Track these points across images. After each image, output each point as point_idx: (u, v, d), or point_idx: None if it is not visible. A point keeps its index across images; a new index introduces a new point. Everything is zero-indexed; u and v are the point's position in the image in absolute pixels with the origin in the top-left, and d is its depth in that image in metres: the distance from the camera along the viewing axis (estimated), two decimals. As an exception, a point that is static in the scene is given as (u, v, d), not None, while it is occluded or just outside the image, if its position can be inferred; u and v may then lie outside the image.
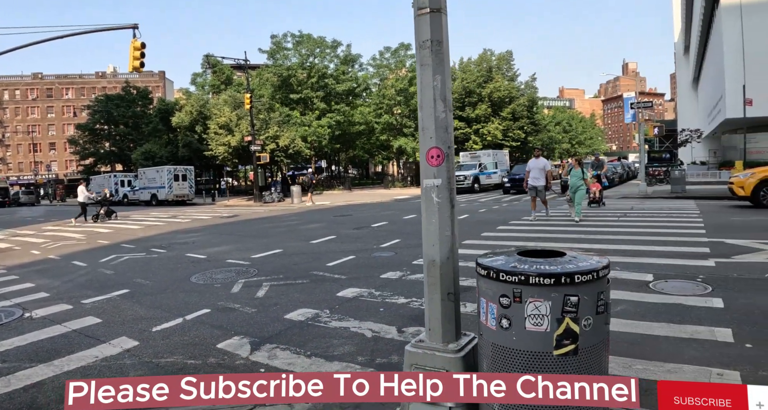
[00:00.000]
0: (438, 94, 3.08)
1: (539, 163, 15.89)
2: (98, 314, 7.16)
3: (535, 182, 15.71)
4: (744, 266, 8.16)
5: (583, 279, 2.48)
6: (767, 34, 32.48)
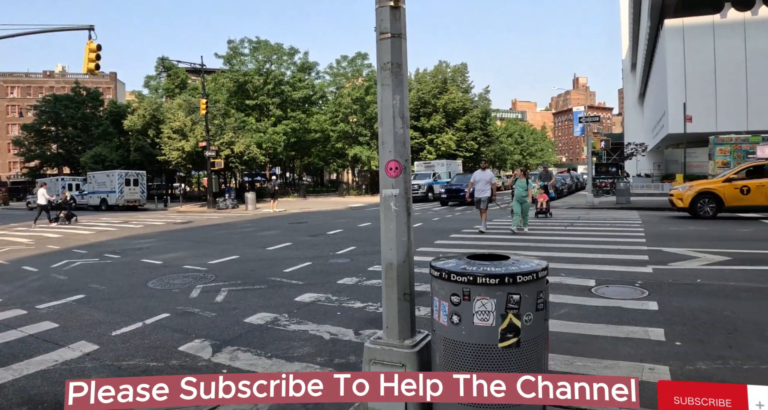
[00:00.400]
0: (397, 112, 3.37)
1: (485, 175, 15.59)
2: (55, 319, 7.13)
3: (480, 194, 15.43)
4: (678, 272, 8.75)
5: (524, 279, 2.80)
6: (707, 55, 34.30)
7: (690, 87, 34.78)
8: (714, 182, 18.18)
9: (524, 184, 15.08)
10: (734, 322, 6.05)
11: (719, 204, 17.45)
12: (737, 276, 8.45)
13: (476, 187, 15.48)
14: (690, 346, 5.29)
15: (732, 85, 34.28)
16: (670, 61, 35.89)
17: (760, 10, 31.68)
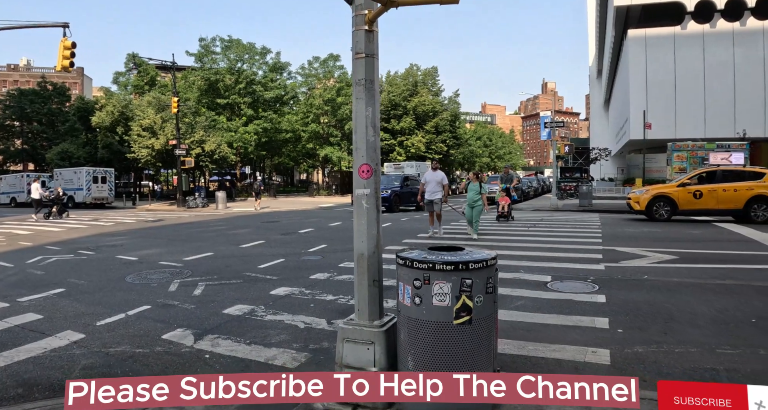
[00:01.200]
0: (369, 122, 3.86)
1: (436, 176, 14.93)
2: (38, 311, 7.42)
3: (432, 196, 14.76)
4: (628, 269, 9.44)
5: (475, 266, 3.32)
6: (667, 65, 35.66)
7: (651, 95, 36.13)
8: (669, 187, 19.15)
9: (477, 187, 14.34)
10: (672, 313, 6.70)
11: (674, 207, 18.39)
12: (681, 273, 9.16)
13: (427, 189, 14.88)
14: (630, 333, 5.90)
15: (691, 94, 35.71)
16: (633, 69, 37.21)
17: (719, 23, 33.17)
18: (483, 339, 3.44)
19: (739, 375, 4.72)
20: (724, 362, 5.04)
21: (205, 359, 5.40)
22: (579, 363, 5.03)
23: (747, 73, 34.93)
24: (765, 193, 17.43)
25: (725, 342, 5.59)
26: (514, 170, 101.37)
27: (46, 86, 65.97)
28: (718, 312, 6.76)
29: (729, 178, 18.28)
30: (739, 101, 35.15)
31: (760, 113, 34.75)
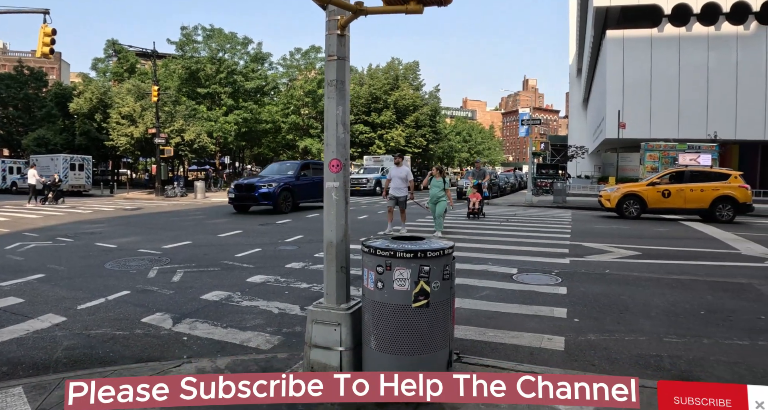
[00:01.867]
0: (339, 120, 4.16)
1: (401, 171, 14.26)
2: (19, 295, 7.60)
3: (396, 192, 14.17)
4: (591, 264, 9.88)
5: (433, 254, 3.65)
6: (644, 66, 36.42)
7: (627, 95, 36.89)
8: (639, 185, 19.73)
9: (440, 183, 13.70)
10: (627, 304, 7.12)
11: (643, 205, 18.97)
12: (641, 268, 9.62)
13: (391, 185, 14.28)
14: (586, 322, 6.30)
15: (665, 96, 36.52)
16: (610, 69, 37.91)
17: (694, 27, 33.93)
18: (439, 321, 3.77)
19: (681, 361, 5.13)
20: (669, 350, 5.45)
21: (183, 341, 5.67)
22: (535, 348, 5.40)
23: (720, 76, 35.83)
24: (730, 194, 18.08)
25: (673, 332, 6.00)
26: (493, 166, 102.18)
27: (23, 71, 64.78)
28: (671, 304, 7.19)
29: (697, 178, 18.90)
30: (711, 104, 36.06)
31: (731, 116, 35.69)
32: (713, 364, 5.08)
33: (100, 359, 5.20)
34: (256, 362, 4.88)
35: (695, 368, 4.98)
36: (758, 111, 35.68)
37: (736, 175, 18.85)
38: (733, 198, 18.08)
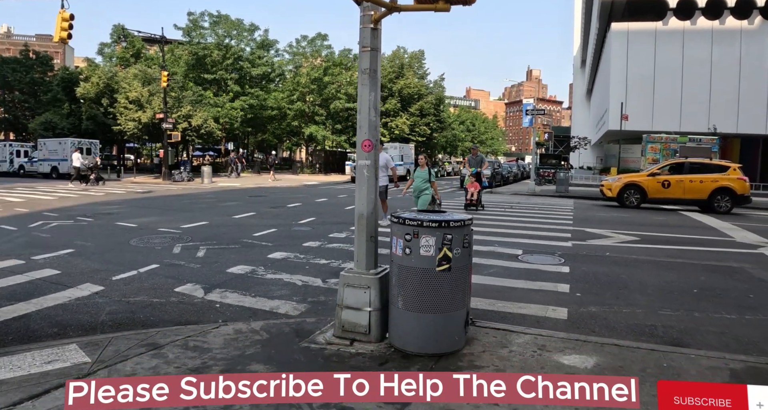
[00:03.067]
0: (372, 105, 4.63)
1: (380, 158, 12.41)
2: (54, 267, 8.10)
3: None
4: (593, 247, 10.38)
5: (455, 225, 4.15)
6: (648, 59, 36.71)
7: (630, 87, 37.22)
8: (640, 176, 20.22)
9: (425, 174, 12.23)
10: (626, 282, 7.63)
11: (643, 195, 19.45)
12: (640, 251, 10.12)
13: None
14: (587, 297, 6.80)
15: (668, 89, 36.84)
16: (614, 62, 38.21)
17: (699, 21, 34.18)
18: (459, 284, 4.27)
19: (673, 330, 5.63)
20: (663, 321, 5.95)
21: (216, 308, 6.18)
22: (540, 317, 5.91)
23: (723, 70, 36.13)
24: (728, 185, 18.54)
25: (667, 306, 6.51)
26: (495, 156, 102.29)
27: (29, 55, 65.06)
28: (666, 283, 7.69)
29: (696, 169, 19.36)
30: (714, 97, 36.40)
31: (733, 110, 36.04)
32: (703, 333, 5.58)
33: (142, 322, 5.70)
34: (287, 325, 5.38)
35: (686, 336, 5.49)
36: (760, 105, 36.02)
37: (735, 167, 19.30)
38: (732, 189, 18.55)
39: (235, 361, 4.33)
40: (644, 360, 4.42)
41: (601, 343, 4.86)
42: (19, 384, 3.94)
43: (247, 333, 5.08)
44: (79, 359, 4.47)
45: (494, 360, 4.33)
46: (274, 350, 4.56)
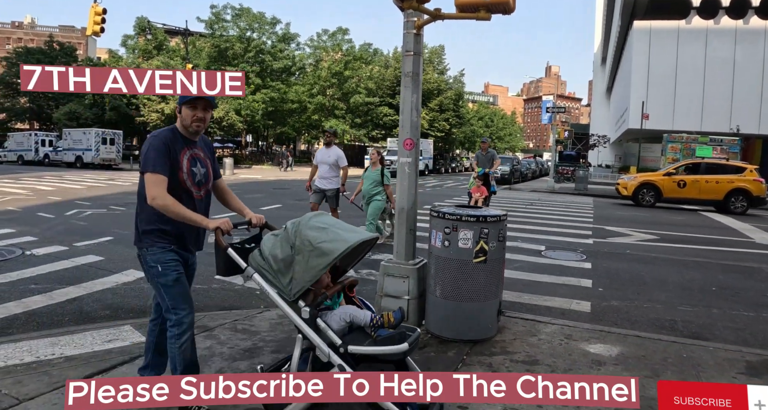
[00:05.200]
0: (413, 106, 4.94)
1: (330, 154, 9.99)
2: (97, 253, 8.51)
3: (323, 183, 9.92)
4: (614, 245, 10.62)
5: (491, 219, 4.45)
6: (670, 58, 36.53)
7: (652, 86, 37.10)
8: (655, 175, 20.37)
9: (375, 175, 9.94)
10: (646, 279, 7.89)
11: (658, 194, 19.59)
12: (659, 250, 10.35)
13: (319, 174, 10.14)
14: (609, 291, 7.08)
15: (690, 88, 36.67)
16: (636, 60, 38.06)
17: (722, 20, 33.90)
18: (494, 275, 4.58)
19: (692, 325, 5.90)
20: (682, 316, 6.21)
21: (256, 295, 6.54)
22: (565, 310, 6.20)
23: (746, 70, 35.86)
24: (744, 187, 18.62)
25: (686, 302, 6.76)
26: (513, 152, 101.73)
27: (54, 45, 66.09)
28: (686, 281, 7.93)
29: (712, 170, 19.45)
30: (736, 97, 36.17)
31: (755, 110, 35.79)
32: (720, 329, 5.83)
33: (188, 306, 6.05)
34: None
35: (704, 331, 5.74)
36: (783, 106, 35.80)
37: (752, 168, 19.38)
38: (747, 190, 18.62)
39: (284, 343, 4.67)
40: (665, 351, 4.70)
41: (624, 334, 5.14)
42: (87, 360, 4.31)
43: (290, 318, 5.42)
44: (136, 338, 4.83)
45: (525, 347, 4.64)
46: (318, 333, 4.90)
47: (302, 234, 3.00)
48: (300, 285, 2.94)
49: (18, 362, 4.19)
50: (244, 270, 3.20)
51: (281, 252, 3.03)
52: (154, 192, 3.13)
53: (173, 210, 3.16)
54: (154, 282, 3.36)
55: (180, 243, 3.44)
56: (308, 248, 2.93)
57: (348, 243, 2.95)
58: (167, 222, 3.28)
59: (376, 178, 9.91)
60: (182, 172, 3.31)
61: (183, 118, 3.34)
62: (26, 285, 6.60)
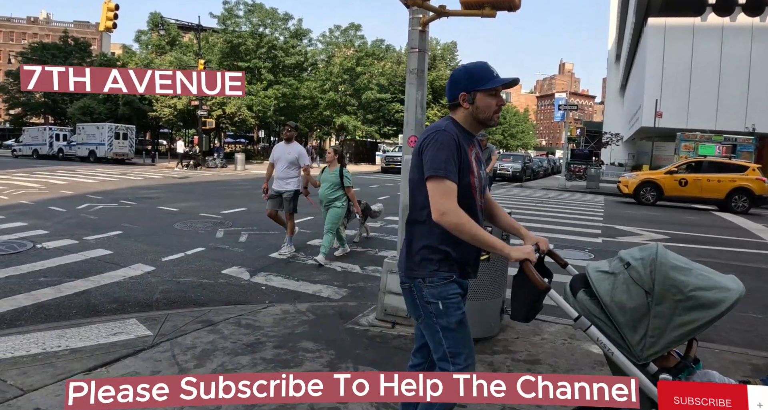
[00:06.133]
0: (418, 103, 4.93)
1: (290, 150, 8.58)
2: (106, 247, 8.59)
3: (279, 185, 8.50)
4: (623, 244, 10.55)
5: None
6: (684, 56, 36.16)
7: (666, 84, 36.74)
8: (657, 173, 20.26)
9: (334, 177, 8.27)
10: (653, 280, 7.82)
11: (659, 193, 19.48)
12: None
13: (275, 173, 8.62)
14: (615, 292, 7.03)
15: (705, 86, 36.27)
16: (650, 57, 37.71)
17: (738, 17, 33.49)
18: (497, 274, 4.57)
19: (699, 326, 5.83)
20: (689, 317, 6.15)
21: (262, 290, 6.58)
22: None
23: (762, 69, 35.41)
24: (746, 186, 18.46)
25: (694, 303, 6.69)
26: (526, 150, 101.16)
27: (68, 41, 66.68)
28: (694, 281, 7.85)
29: (714, 168, 19.29)
30: (752, 96, 35.72)
31: (771, 109, 35.38)
32: (727, 330, 5.78)
33: (193, 301, 6.11)
34: (331, 307, 5.74)
35: (710, 332, 5.66)
36: (800, 105, 35.32)
37: (754, 167, 19.22)
38: (750, 190, 18.45)
39: (286, 339, 4.70)
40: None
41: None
42: (92, 353, 4.36)
43: (294, 313, 5.45)
44: (141, 332, 4.87)
45: (527, 346, 4.63)
46: (321, 330, 4.93)
47: (664, 276, 2.30)
48: (661, 345, 2.32)
49: (24, 353, 4.24)
50: (575, 319, 2.48)
51: (630, 298, 2.34)
52: (446, 205, 2.42)
53: (468, 231, 2.42)
54: (429, 322, 2.61)
55: (462, 271, 2.67)
56: (677, 297, 2.26)
57: (734, 292, 2.25)
58: (454, 244, 2.54)
59: (334, 180, 8.25)
60: (474, 177, 2.60)
61: (479, 108, 2.58)
62: (36, 278, 6.68)
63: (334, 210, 8.20)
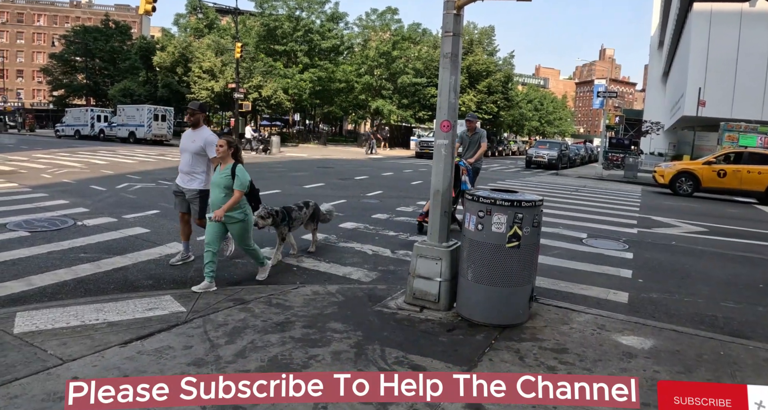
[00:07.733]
0: (452, 88, 4.90)
1: (195, 138, 6.81)
2: (144, 226, 8.82)
3: (184, 181, 6.87)
4: (658, 235, 10.35)
5: (526, 205, 4.41)
6: (730, 43, 34.92)
7: (710, 72, 35.54)
8: (695, 163, 19.69)
9: (224, 178, 5.82)
10: (689, 272, 7.67)
11: (696, 183, 18.93)
12: (707, 243, 10.02)
13: (180, 167, 6.99)
14: (649, 283, 6.92)
15: (751, 75, 34.97)
16: (694, 44, 36.50)
17: (790, 2, 32.16)
18: (527, 261, 4.55)
19: (734, 322, 5.71)
20: (724, 312, 6.02)
21: (293, 271, 6.67)
22: (601, 299, 6.10)
23: (813, 56, 34.02)
24: None
25: (730, 298, 6.55)
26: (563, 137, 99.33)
27: (109, 24, 67.90)
28: (731, 276, 7.68)
29: (756, 160, 18.62)
30: (801, 84, 34.40)
31: (822, 98, 34.02)
32: (764, 327, 5.63)
33: (227, 280, 6.23)
34: (360, 290, 5.79)
35: (746, 329, 5.55)
36: None
37: None
38: None
39: (315, 319, 4.77)
40: (701, 347, 4.58)
41: (659, 327, 5.03)
42: (128, 327, 4.50)
43: (324, 295, 5.52)
44: (175, 308, 5.01)
45: (555, 335, 4.60)
46: (350, 311, 4.98)
47: None
48: None
49: (65, 325, 4.40)
50: None
51: None
52: None
53: None
54: None
55: None
56: None
57: None
58: None
59: (226, 183, 5.76)
60: None
61: None
62: (76, 254, 6.89)
63: (235, 225, 5.85)
